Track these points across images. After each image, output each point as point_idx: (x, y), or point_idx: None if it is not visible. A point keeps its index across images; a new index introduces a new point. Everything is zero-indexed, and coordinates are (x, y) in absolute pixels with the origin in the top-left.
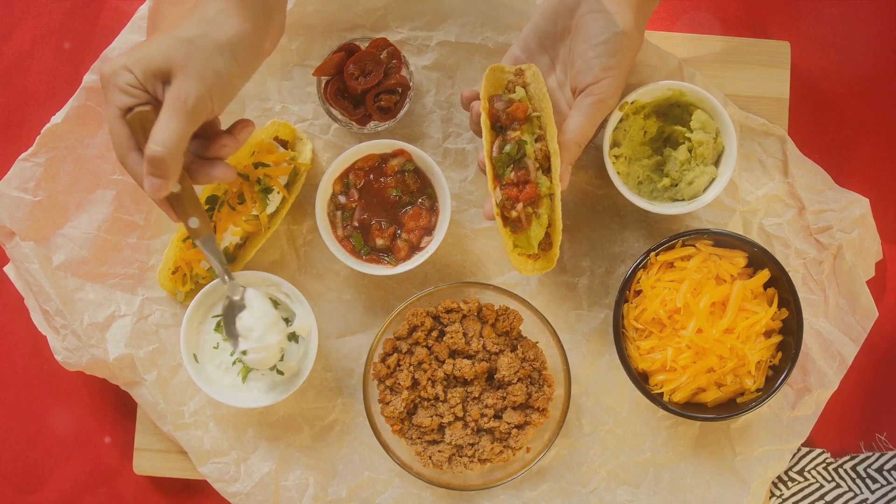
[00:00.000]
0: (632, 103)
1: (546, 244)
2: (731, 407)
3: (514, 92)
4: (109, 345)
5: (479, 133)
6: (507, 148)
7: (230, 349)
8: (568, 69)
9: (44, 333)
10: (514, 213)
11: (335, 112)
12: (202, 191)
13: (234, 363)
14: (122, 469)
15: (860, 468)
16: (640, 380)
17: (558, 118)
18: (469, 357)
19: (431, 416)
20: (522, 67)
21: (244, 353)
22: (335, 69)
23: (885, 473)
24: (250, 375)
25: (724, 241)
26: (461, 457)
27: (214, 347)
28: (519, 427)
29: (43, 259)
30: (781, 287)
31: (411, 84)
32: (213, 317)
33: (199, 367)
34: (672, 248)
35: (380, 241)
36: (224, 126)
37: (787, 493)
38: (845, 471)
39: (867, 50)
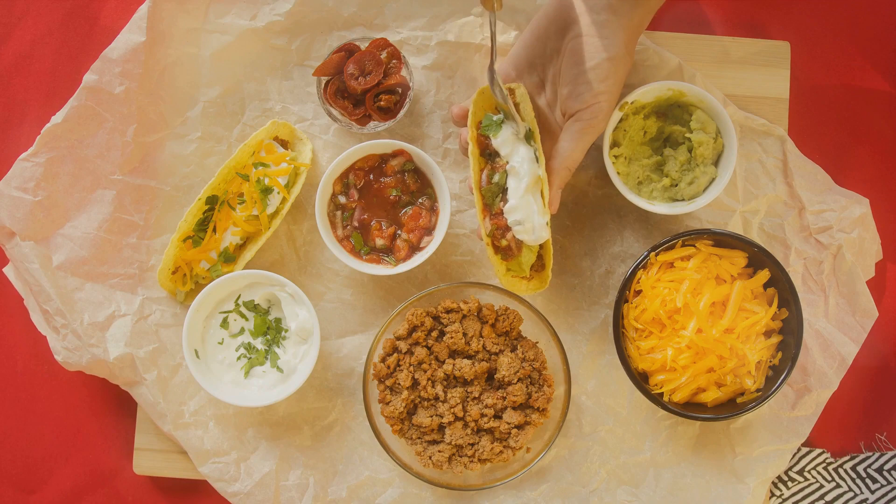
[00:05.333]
0: (632, 103)
1: (539, 265)
2: (731, 407)
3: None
4: (109, 344)
5: (467, 156)
6: (497, 178)
7: (234, 345)
8: (558, 91)
9: (44, 333)
10: (503, 242)
11: (335, 112)
12: (203, 191)
13: (237, 358)
14: (122, 469)
15: (860, 468)
16: (640, 380)
17: (549, 138)
18: (469, 357)
19: (431, 416)
20: (512, 86)
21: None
22: (335, 69)
23: (885, 473)
24: (252, 372)
25: (724, 241)
26: (461, 457)
27: (219, 343)
28: (519, 427)
29: (43, 259)
30: (781, 287)
31: (411, 84)
32: (221, 312)
33: (201, 363)
34: (672, 248)
35: (380, 241)
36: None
37: (787, 493)
38: (845, 471)
39: (867, 50)
